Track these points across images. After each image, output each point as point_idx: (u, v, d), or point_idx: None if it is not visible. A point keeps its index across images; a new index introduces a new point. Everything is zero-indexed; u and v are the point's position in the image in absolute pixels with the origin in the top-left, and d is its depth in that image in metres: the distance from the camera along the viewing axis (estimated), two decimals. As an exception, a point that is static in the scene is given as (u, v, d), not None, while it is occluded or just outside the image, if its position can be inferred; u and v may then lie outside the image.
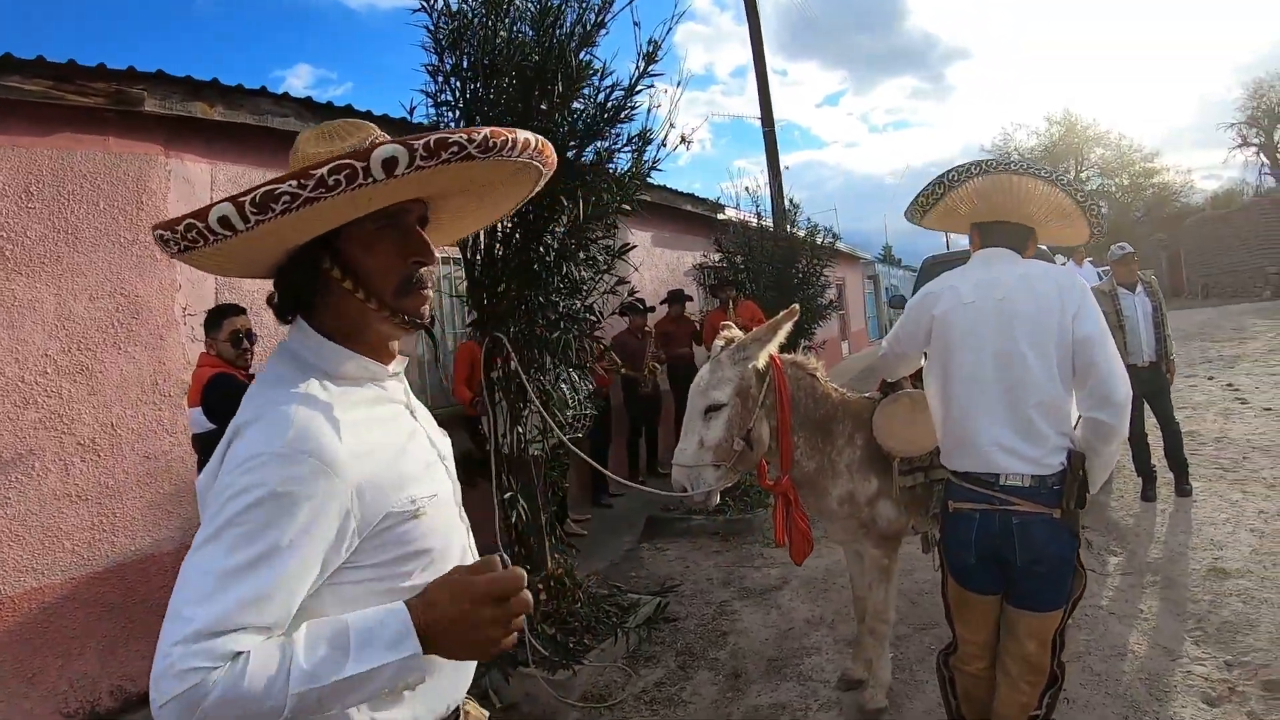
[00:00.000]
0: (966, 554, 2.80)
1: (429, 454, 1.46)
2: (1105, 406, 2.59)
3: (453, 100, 4.16)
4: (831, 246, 11.74)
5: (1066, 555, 2.68)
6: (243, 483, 1.17)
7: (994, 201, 2.88)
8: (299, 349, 1.36)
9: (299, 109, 5.59)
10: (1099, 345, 2.62)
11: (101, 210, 4.63)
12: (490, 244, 4.34)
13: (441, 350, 7.15)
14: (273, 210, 1.17)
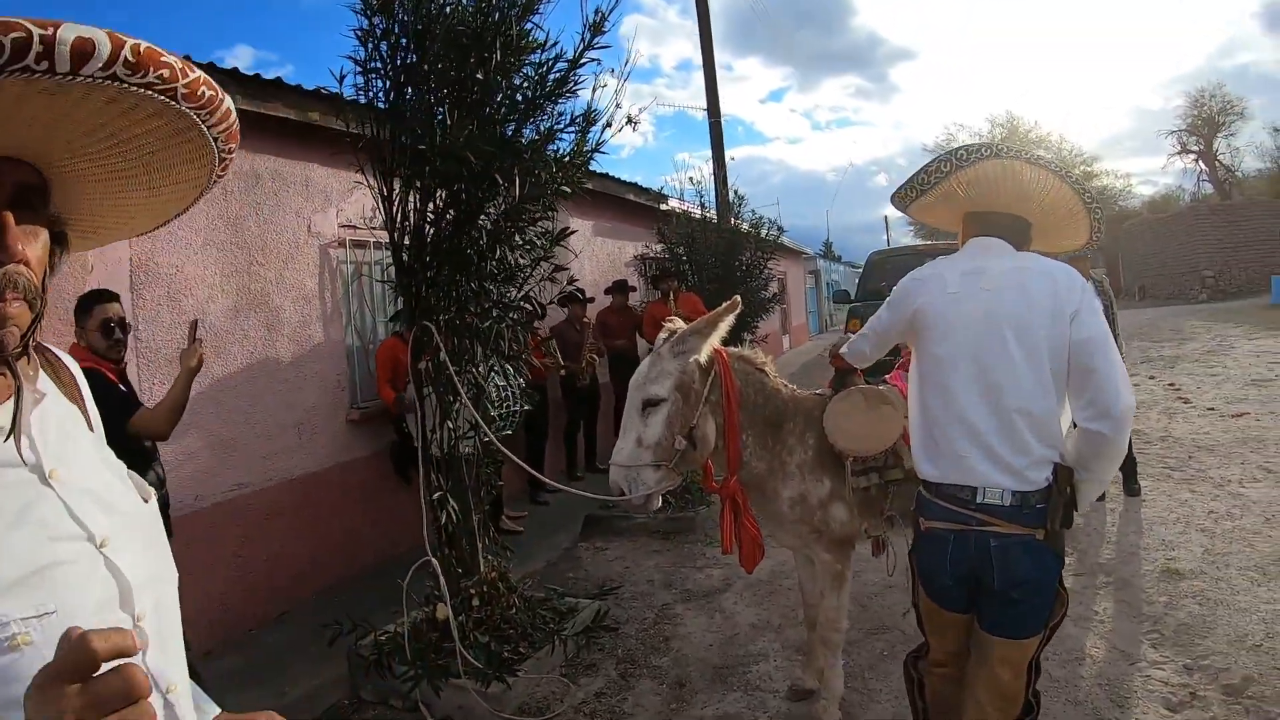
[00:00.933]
0: (941, 575, 2.61)
1: (60, 545, 0.95)
2: (1105, 418, 2.38)
3: (382, 67, 3.88)
4: (776, 240, 11.62)
5: (1048, 580, 2.49)
6: None
7: (997, 189, 2.65)
8: None
9: (224, 81, 5.17)
10: (1100, 350, 2.40)
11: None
12: (420, 224, 4.05)
13: (373, 339, 6.83)
14: None
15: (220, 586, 5.22)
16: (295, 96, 5.74)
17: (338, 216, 6.37)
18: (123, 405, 3.61)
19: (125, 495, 1.14)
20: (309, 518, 5.89)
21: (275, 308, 5.78)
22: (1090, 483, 2.49)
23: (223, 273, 5.40)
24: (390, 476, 6.64)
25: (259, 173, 5.71)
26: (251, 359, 5.57)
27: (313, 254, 6.13)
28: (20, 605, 0.87)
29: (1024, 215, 2.68)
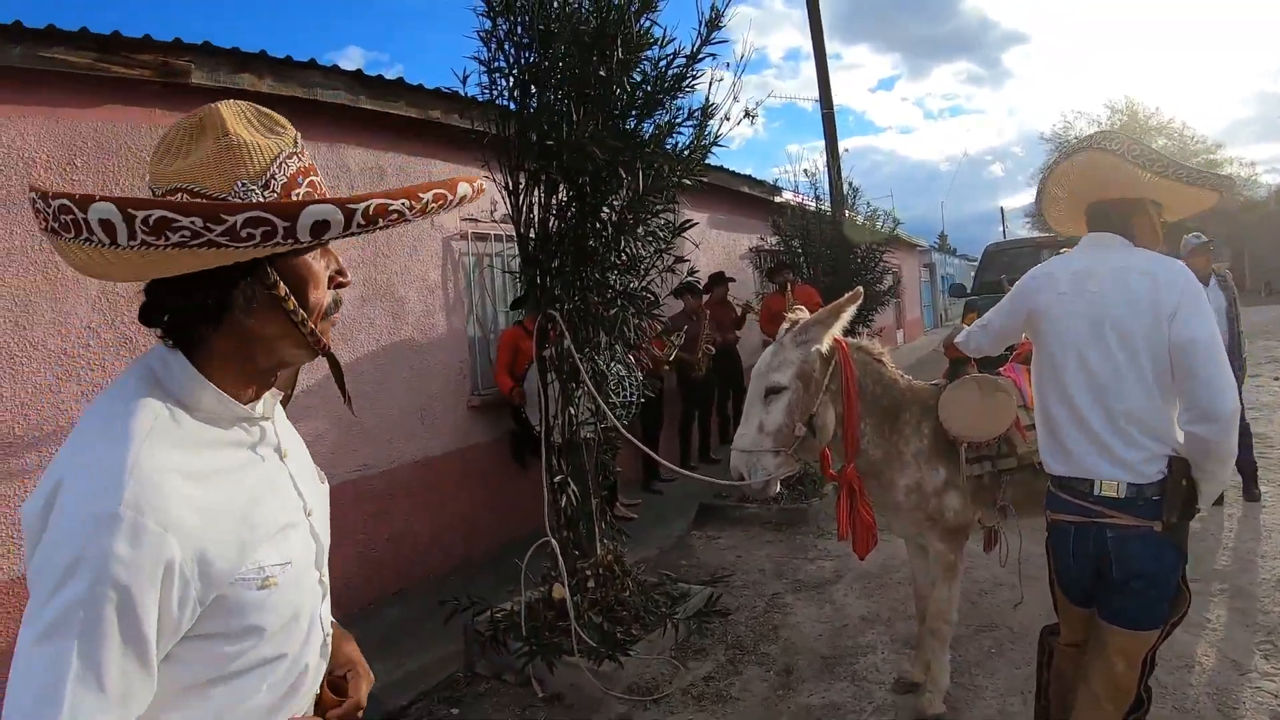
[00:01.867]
0: (1065, 565, 2.67)
1: (292, 510, 1.26)
2: (1205, 420, 2.36)
3: (506, 67, 4.02)
4: (892, 232, 11.47)
5: (1167, 573, 2.48)
6: (68, 559, 0.96)
7: (1094, 181, 2.67)
8: (161, 369, 1.15)
9: (350, 83, 5.48)
10: (1202, 351, 2.37)
11: (147, 182, 4.54)
12: (545, 217, 4.18)
13: (494, 329, 7.04)
14: (166, 239, 0.97)
15: (342, 562, 5.47)
16: (416, 95, 5.96)
17: (459, 210, 6.55)
18: None
19: (314, 474, 1.44)
20: (430, 500, 6.12)
21: (400, 298, 6.01)
22: (1207, 480, 2.46)
23: (350, 264, 5.55)
24: (508, 463, 6.85)
25: (384, 169, 5.94)
26: (377, 346, 5.82)
27: (436, 246, 6.35)
28: (272, 555, 1.15)
29: (1143, 195, 2.63)
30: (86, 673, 0.94)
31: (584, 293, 4.21)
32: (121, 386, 1.13)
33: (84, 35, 4.16)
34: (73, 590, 0.95)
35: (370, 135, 5.84)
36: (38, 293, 4.16)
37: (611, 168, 3.95)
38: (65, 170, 4.27)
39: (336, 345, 4.24)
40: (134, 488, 0.99)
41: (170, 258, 1.01)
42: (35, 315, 4.16)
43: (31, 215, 1.06)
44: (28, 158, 4.14)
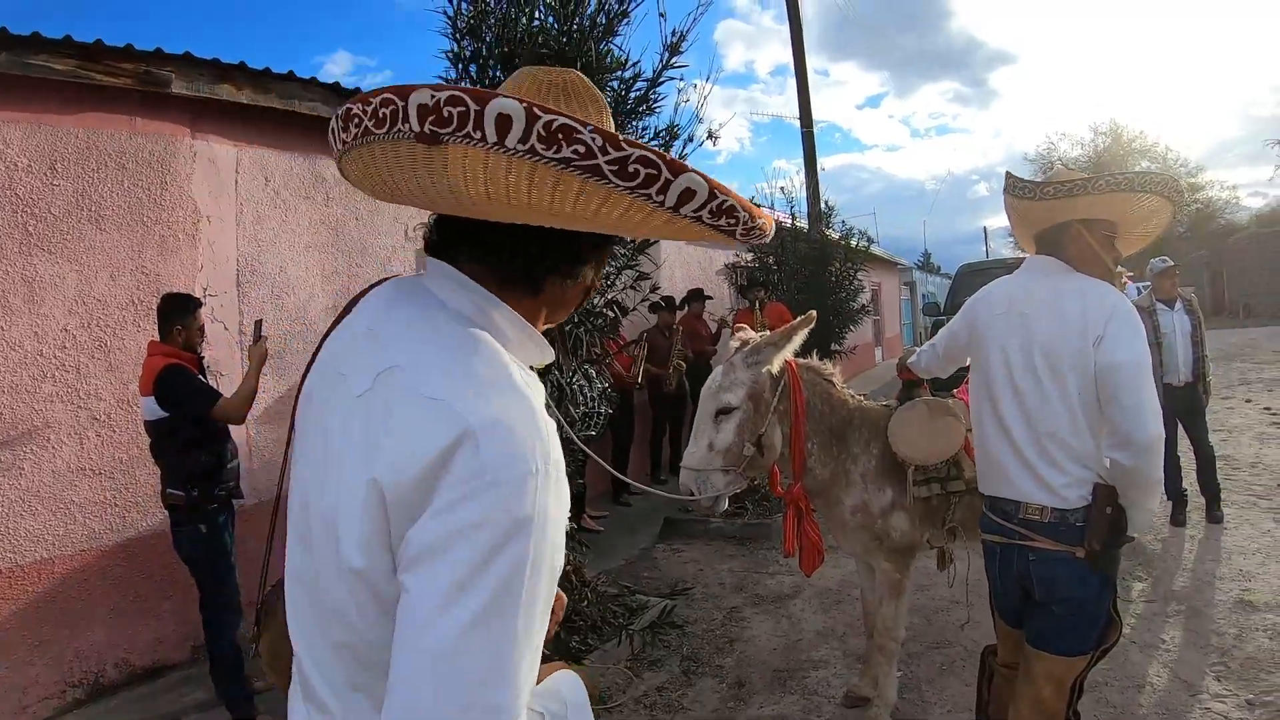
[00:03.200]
0: (995, 586, 2.73)
1: None
2: (1125, 446, 2.36)
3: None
4: (866, 250, 11.57)
5: (1091, 600, 2.47)
6: (512, 519, 0.91)
7: (1014, 219, 2.76)
8: (479, 318, 1.09)
9: (326, 95, 5.57)
10: (1126, 376, 2.36)
11: (126, 190, 4.64)
12: None
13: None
14: (557, 150, 0.87)
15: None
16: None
17: (433, 222, 6.62)
18: (209, 395, 4.00)
19: None
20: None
21: (371, 308, 6.07)
22: (1133, 508, 2.45)
23: (323, 274, 5.73)
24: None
25: (360, 180, 6.01)
26: (348, 356, 5.88)
27: (409, 257, 6.44)
28: None
29: (1067, 219, 2.61)
30: (528, 636, 0.93)
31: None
32: (458, 335, 1.06)
33: (68, 43, 4.25)
34: (516, 551, 0.91)
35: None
36: (15, 294, 4.24)
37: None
38: (46, 176, 4.35)
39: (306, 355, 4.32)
40: (545, 440, 0.97)
41: (556, 198, 0.92)
42: (13, 317, 4.23)
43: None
44: (9, 162, 4.23)
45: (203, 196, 5.01)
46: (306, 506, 1.09)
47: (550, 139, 0.86)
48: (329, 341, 1.20)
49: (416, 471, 0.92)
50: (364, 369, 1.05)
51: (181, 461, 4.00)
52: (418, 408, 0.96)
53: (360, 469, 0.98)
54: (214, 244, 5.05)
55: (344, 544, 0.99)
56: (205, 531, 4.03)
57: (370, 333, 1.11)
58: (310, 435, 1.13)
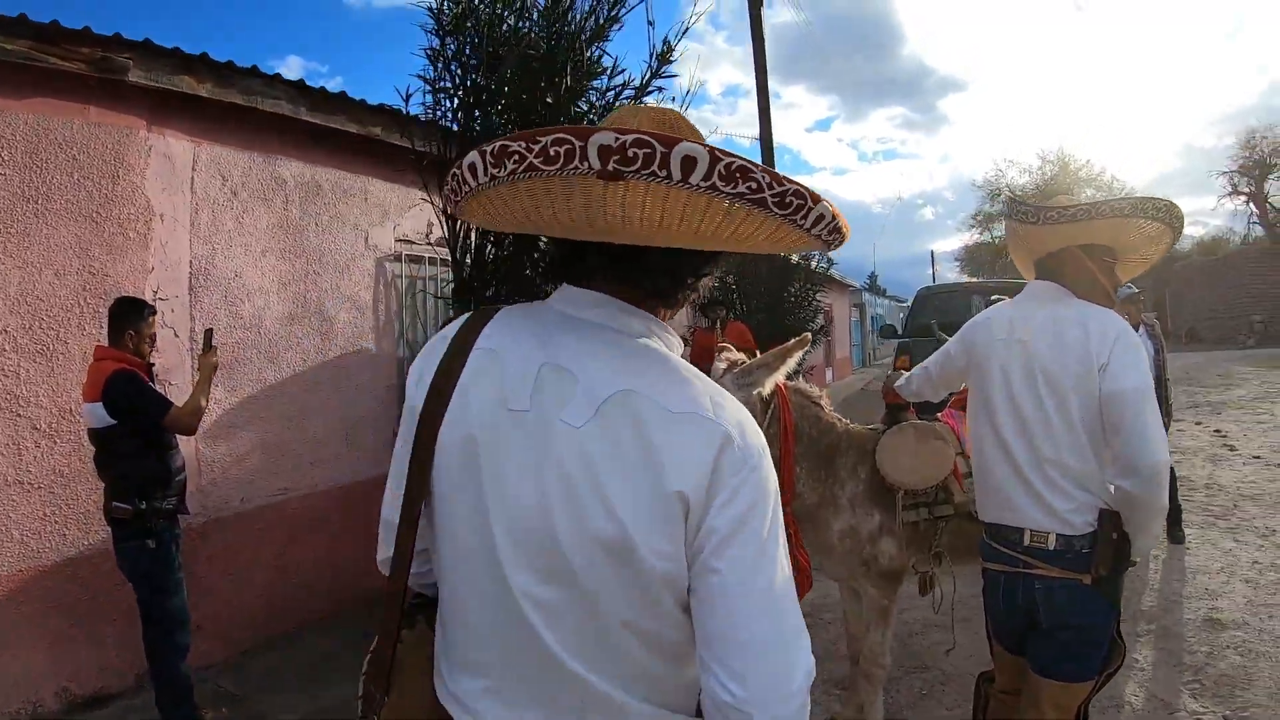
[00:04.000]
0: (997, 614, 2.67)
1: None
2: (1131, 474, 2.34)
3: (451, 87, 3.94)
4: (825, 272, 11.57)
5: (1098, 625, 2.46)
6: (762, 492, 1.16)
7: (1014, 244, 2.75)
8: (665, 336, 1.30)
9: (291, 93, 5.37)
10: (1130, 403, 2.34)
11: (76, 182, 4.39)
12: (482, 244, 4.10)
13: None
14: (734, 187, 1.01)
15: (261, 588, 5.30)
16: (358, 111, 5.86)
17: (395, 231, 6.46)
18: (160, 404, 3.81)
19: None
20: (352, 525, 5.95)
21: (329, 317, 5.87)
22: (1138, 534, 2.44)
23: (280, 281, 5.51)
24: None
25: (320, 184, 5.82)
26: (304, 366, 5.67)
27: (369, 266, 6.23)
28: None
29: (1066, 245, 2.61)
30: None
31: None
32: (654, 355, 1.24)
33: (22, 22, 4.00)
34: (776, 513, 1.17)
35: (308, 149, 5.71)
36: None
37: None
38: (-10, 164, 4.09)
39: (261, 365, 4.15)
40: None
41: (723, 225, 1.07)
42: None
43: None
44: (-49, 147, 3.95)
45: (156, 194, 4.77)
46: (541, 541, 1.16)
47: (730, 177, 0.99)
48: (462, 391, 1.25)
49: (702, 477, 1.12)
50: (575, 400, 1.16)
51: (129, 472, 3.78)
52: (681, 424, 1.14)
53: (647, 486, 1.12)
54: (166, 245, 4.81)
55: (641, 556, 1.12)
56: (153, 546, 3.81)
57: (552, 367, 1.20)
58: (503, 475, 1.19)
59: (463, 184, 1.13)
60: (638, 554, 1.12)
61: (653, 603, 1.16)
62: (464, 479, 1.22)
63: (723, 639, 1.12)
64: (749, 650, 1.11)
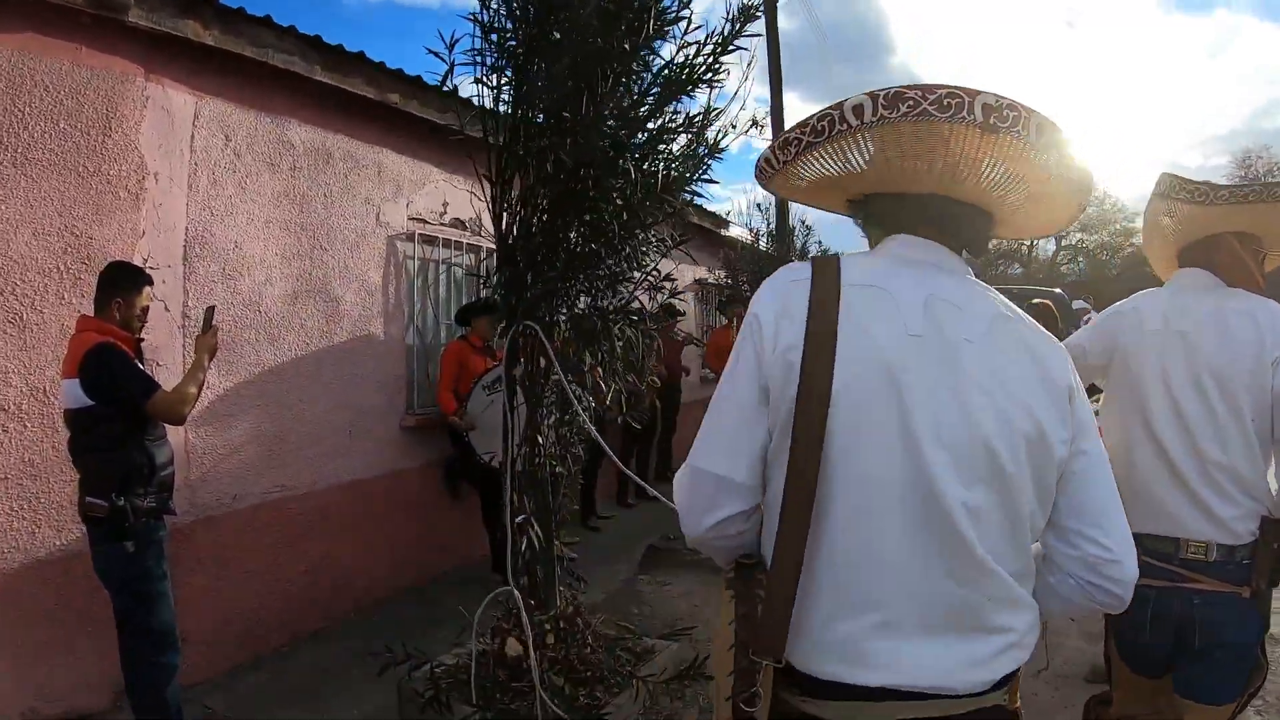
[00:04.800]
0: (1140, 635, 2.39)
1: None
2: None
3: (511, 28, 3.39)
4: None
5: (1250, 642, 2.31)
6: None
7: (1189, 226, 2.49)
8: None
9: (304, 48, 4.84)
10: None
11: (61, 131, 3.84)
12: (528, 215, 3.57)
13: (435, 341, 6.40)
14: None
15: (253, 596, 4.76)
16: (376, 74, 5.35)
17: (408, 208, 5.96)
18: (144, 385, 3.31)
19: None
20: (353, 528, 5.43)
21: (335, 298, 5.34)
22: None
23: (283, 255, 4.98)
24: (439, 491, 6.23)
25: (331, 152, 5.30)
26: (306, 350, 5.13)
27: (379, 245, 5.71)
28: None
29: (1220, 231, 2.43)
30: None
31: (570, 304, 3.62)
32: (987, 290, 1.44)
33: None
34: None
35: (320, 112, 5.19)
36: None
37: (611, 162, 3.37)
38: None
39: (260, 346, 3.58)
40: None
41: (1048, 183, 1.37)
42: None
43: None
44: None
45: (151, 150, 4.23)
46: (975, 449, 1.28)
47: (1064, 147, 1.29)
48: (859, 324, 1.32)
49: (1071, 375, 1.41)
50: (967, 323, 1.35)
51: (107, 462, 3.26)
52: (1041, 336, 1.42)
53: (1046, 385, 1.36)
54: (160, 207, 4.27)
55: (1051, 444, 1.33)
56: (132, 550, 3.28)
57: (937, 298, 1.35)
58: (925, 395, 1.29)
59: (835, 124, 1.32)
60: (1049, 443, 1.32)
61: (1048, 490, 1.36)
62: (880, 408, 1.29)
63: (1096, 506, 1.38)
64: (1111, 512, 1.38)
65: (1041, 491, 1.33)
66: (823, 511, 1.29)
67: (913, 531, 1.27)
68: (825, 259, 1.42)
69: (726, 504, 1.36)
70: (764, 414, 1.35)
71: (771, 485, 1.36)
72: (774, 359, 1.32)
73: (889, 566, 1.28)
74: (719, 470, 1.36)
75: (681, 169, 3.60)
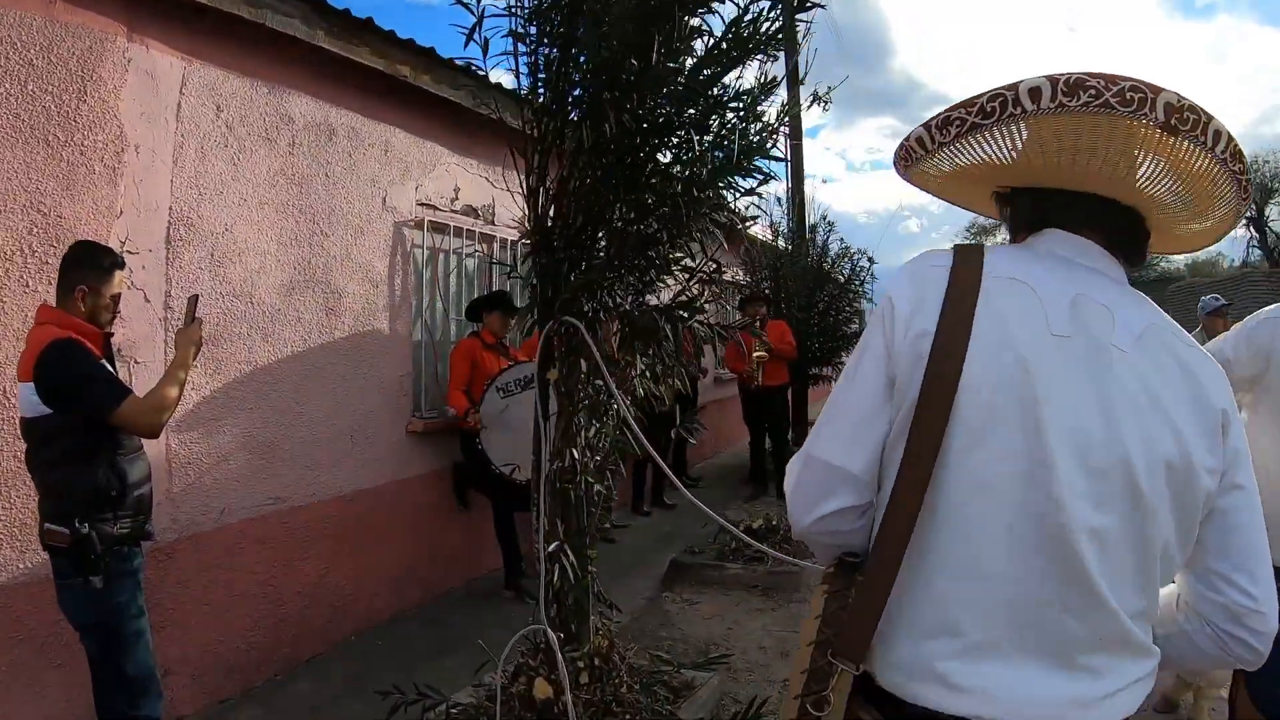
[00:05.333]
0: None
1: None
2: None
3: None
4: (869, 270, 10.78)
5: None
6: None
7: None
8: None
9: (307, 12, 4.34)
10: None
11: (29, 94, 3.34)
12: (563, 189, 3.05)
13: (445, 340, 5.91)
14: None
15: (243, 622, 4.26)
16: (385, 44, 4.86)
17: (416, 192, 5.46)
18: (113, 388, 2.81)
19: None
20: (353, 543, 4.93)
21: (337, 289, 4.85)
22: None
23: (280, 240, 4.48)
24: (447, 501, 5.73)
25: (334, 127, 4.80)
26: (305, 347, 4.63)
27: (385, 231, 5.21)
28: None
29: None
30: None
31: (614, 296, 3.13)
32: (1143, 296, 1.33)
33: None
34: None
35: (322, 84, 4.69)
36: None
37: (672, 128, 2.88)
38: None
39: (252, 342, 3.01)
40: None
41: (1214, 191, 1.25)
42: None
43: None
44: None
45: (133, 119, 3.72)
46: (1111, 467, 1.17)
47: (1236, 156, 1.19)
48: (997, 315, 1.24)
49: (1229, 399, 1.25)
50: (1117, 328, 1.23)
51: (68, 482, 2.76)
52: (1197, 353, 1.28)
53: (1197, 406, 1.21)
54: (141, 184, 3.77)
55: (1196, 473, 1.19)
56: (101, 586, 2.77)
57: (1085, 298, 1.25)
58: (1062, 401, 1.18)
59: (1009, 106, 1.21)
60: (1194, 473, 1.19)
61: (1190, 526, 1.22)
62: (1009, 410, 1.19)
63: (1244, 549, 1.24)
64: (1261, 558, 1.25)
65: (1182, 527, 1.21)
66: (930, 515, 1.20)
67: (1026, 551, 1.17)
68: (970, 247, 1.31)
69: (838, 496, 1.29)
70: (889, 406, 1.26)
71: (885, 484, 1.26)
72: (904, 347, 1.24)
73: (993, 585, 1.19)
74: (834, 460, 1.29)
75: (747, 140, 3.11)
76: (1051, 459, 1.15)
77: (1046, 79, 1.17)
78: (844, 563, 1.32)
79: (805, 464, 1.33)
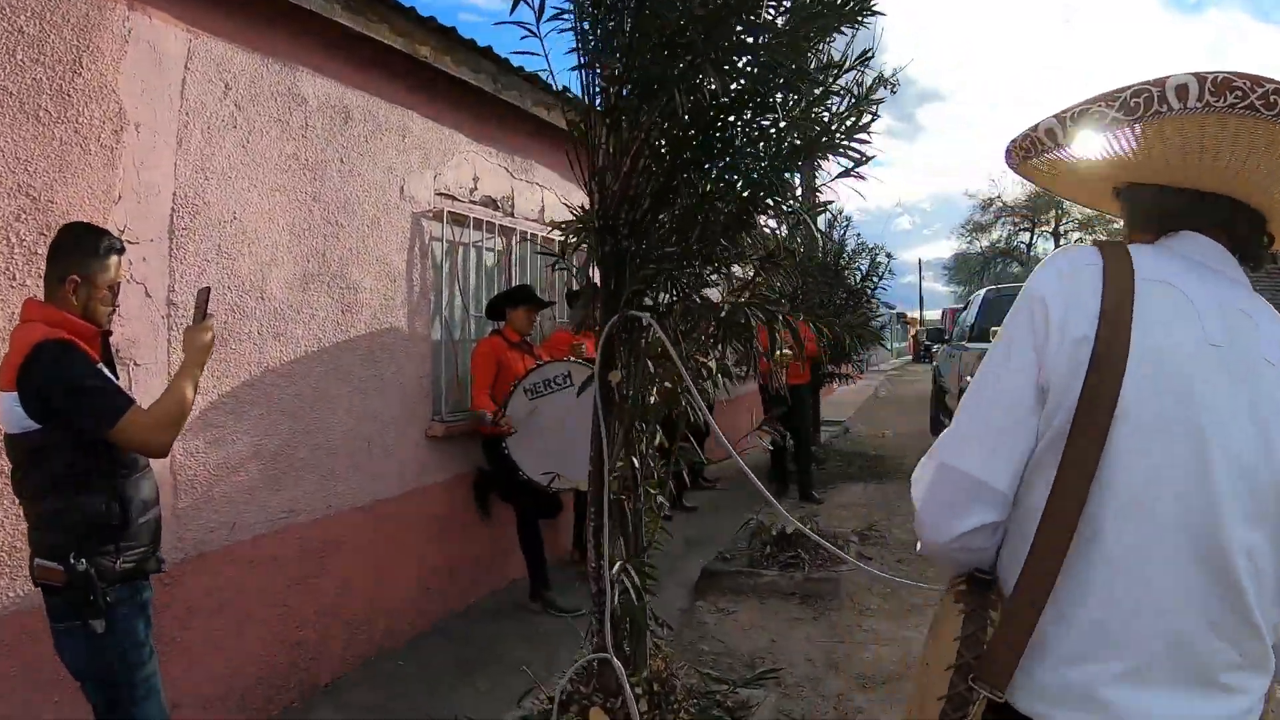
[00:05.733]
0: None
1: None
2: None
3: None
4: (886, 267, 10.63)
5: None
6: None
7: None
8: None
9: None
10: None
11: (20, 65, 2.98)
12: (634, 166, 2.69)
13: (465, 338, 5.58)
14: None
15: (256, 647, 3.91)
16: (406, 21, 4.52)
17: (435, 181, 5.11)
18: (112, 399, 2.38)
19: None
20: (372, 557, 4.58)
21: (353, 284, 4.50)
22: None
23: (292, 230, 4.13)
24: (469, 509, 5.40)
25: (349, 110, 4.46)
26: (319, 346, 4.28)
27: (403, 222, 4.86)
28: None
29: None
30: None
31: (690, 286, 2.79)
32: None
33: None
34: None
35: (338, 62, 4.34)
36: None
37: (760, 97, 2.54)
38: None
39: (263, 342, 2.63)
40: None
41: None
42: None
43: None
44: None
45: (133, 95, 3.37)
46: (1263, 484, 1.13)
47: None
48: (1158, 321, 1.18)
49: None
50: (1264, 341, 1.19)
51: (61, 510, 2.37)
52: None
53: None
54: (142, 166, 3.41)
55: None
56: (102, 631, 2.38)
57: (1232, 307, 1.20)
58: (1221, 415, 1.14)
59: (1154, 103, 1.15)
60: None
61: None
62: (1176, 426, 1.13)
63: None
64: None
65: None
66: (1085, 538, 1.14)
67: (1186, 573, 1.13)
68: (1113, 244, 1.27)
69: (978, 512, 1.21)
70: (1036, 417, 1.19)
71: (1025, 499, 1.20)
72: (1059, 353, 1.17)
73: (1151, 609, 1.13)
74: (976, 472, 1.21)
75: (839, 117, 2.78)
76: (1213, 477, 1.12)
77: (1194, 76, 1.12)
78: (977, 579, 1.25)
79: (940, 474, 1.26)
